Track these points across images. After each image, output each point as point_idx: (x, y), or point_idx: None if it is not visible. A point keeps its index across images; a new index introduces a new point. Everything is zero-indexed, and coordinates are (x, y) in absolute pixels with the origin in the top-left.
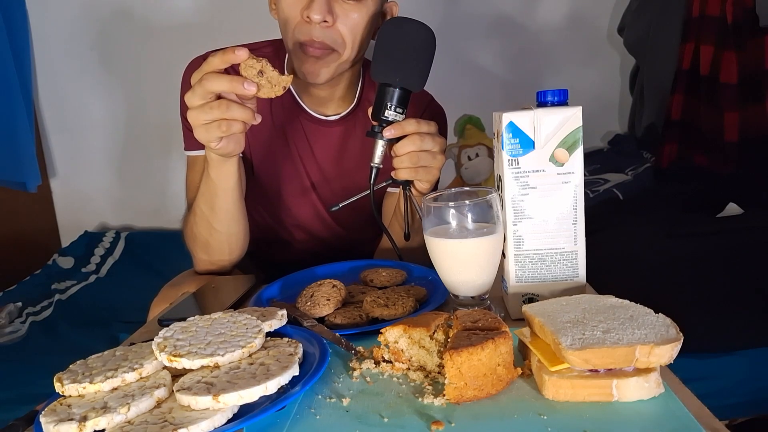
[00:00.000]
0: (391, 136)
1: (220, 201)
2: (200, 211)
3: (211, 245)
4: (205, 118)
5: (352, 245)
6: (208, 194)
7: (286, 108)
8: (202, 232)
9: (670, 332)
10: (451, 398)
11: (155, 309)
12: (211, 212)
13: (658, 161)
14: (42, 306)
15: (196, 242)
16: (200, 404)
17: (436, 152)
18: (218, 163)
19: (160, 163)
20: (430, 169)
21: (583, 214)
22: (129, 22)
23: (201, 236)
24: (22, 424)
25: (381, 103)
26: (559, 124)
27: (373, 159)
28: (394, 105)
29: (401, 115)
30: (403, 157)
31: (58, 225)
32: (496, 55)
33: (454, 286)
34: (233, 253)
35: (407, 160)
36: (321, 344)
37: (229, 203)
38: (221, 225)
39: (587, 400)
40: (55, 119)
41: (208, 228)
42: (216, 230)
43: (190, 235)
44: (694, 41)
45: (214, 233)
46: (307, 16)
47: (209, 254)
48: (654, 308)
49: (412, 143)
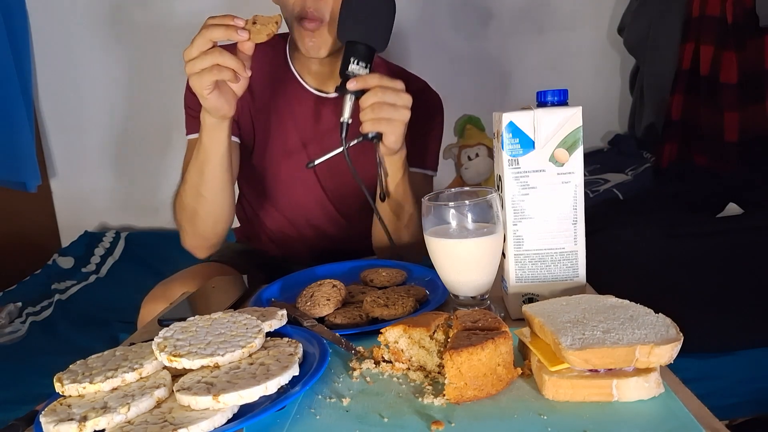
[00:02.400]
0: (354, 89)
1: (209, 167)
2: (190, 178)
3: (198, 214)
4: (201, 65)
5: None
6: (200, 160)
7: (289, 88)
8: (190, 200)
9: (670, 332)
10: (451, 398)
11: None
12: (200, 178)
13: (658, 161)
14: (42, 306)
15: (184, 212)
16: (200, 404)
17: (399, 106)
18: (211, 128)
19: (160, 163)
20: (392, 121)
21: (583, 214)
22: (129, 23)
23: (189, 205)
24: (22, 424)
25: (347, 59)
26: (559, 124)
27: (342, 114)
28: (358, 60)
29: (365, 70)
30: (367, 109)
31: (58, 225)
32: (496, 54)
33: (454, 286)
34: (218, 225)
35: (370, 111)
36: (321, 344)
37: (218, 170)
38: (209, 192)
39: (587, 400)
40: (55, 119)
41: (196, 195)
42: (203, 197)
43: (179, 206)
44: (694, 41)
45: (201, 201)
46: None
47: (194, 225)
48: (654, 308)
49: (375, 95)
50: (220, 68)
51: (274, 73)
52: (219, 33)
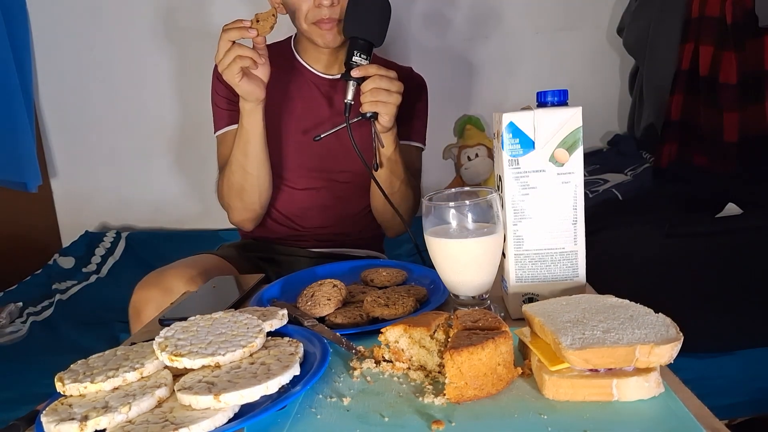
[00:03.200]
0: (358, 76)
1: (251, 146)
2: (236, 159)
3: (245, 189)
4: (227, 60)
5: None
6: (242, 142)
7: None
8: (237, 178)
9: (670, 332)
10: (451, 398)
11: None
12: (245, 157)
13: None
14: (43, 306)
15: (232, 190)
16: (201, 404)
17: (393, 91)
18: (249, 113)
19: (160, 163)
20: (387, 104)
21: (583, 214)
22: (129, 23)
23: (236, 183)
24: (23, 423)
25: (350, 52)
26: (559, 125)
27: (346, 96)
28: (360, 52)
29: (366, 61)
30: (366, 93)
31: (59, 225)
32: (496, 54)
33: (454, 286)
34: (263, 196)
35: (369, 95)
36: (322, 344)
37: (258, 147)
38: (253, 167)
39: (587, 400)
40: (55, 119)
41: (243, 173)
42: (249, 173)
43: (227, 187)
44: (694, 41)
45: (247, 177)
46: (319, 3)
47: (243, 199)
48: (654, 308)
49: (373, 82)
50: (242, 57)
51: (283, 67)
52: (235, 33)
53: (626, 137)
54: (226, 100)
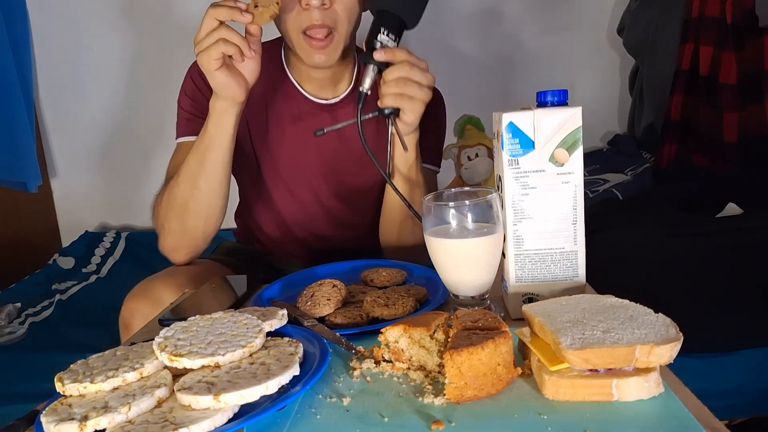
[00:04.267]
0: (382, 59)
1: (212, 155)
2: (188, 168)
3: (189, 209)
4: (208, 42)
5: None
6: (202, 148)
7: (288, 96)
8: (183, 192)
9: (670, 332)
10: (451, 398)
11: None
12: (200, 167)
13: (658, 161)
14: (42, 306)
15: (172, 207)
16: (201, 404)
17: (423, 84)
18: (219, 113)
19: (160, 162)
20: (414, 99)
21: (583, 214)
22: (129, 23)
23: (180, 198)
24: (22, 423)
25: (376, 28)
26: (558, 125)
27: (362, 84)
28: (387, 31)
29: (394, 43)
30: (390, 82)
31: (59, 225)
32: (496, 55)
33: (454, 286)
34: (209, 223)
35: (394, 85)
36: (321, 344)
37: (219, 159)
38: (206, 183)
39: (587, 400)
40: (55, 119)
41: (191, 187)
42: (199, 189)
43: (166, 201)
44: (694, 42)
45: (195, 193)
46: (306, 3)
47: (183, 221)
48: (654, 308)
49: (402, 69)
50: (227, 42)
51: (269, 78)
52: (223, 13)
53: (626, 137)
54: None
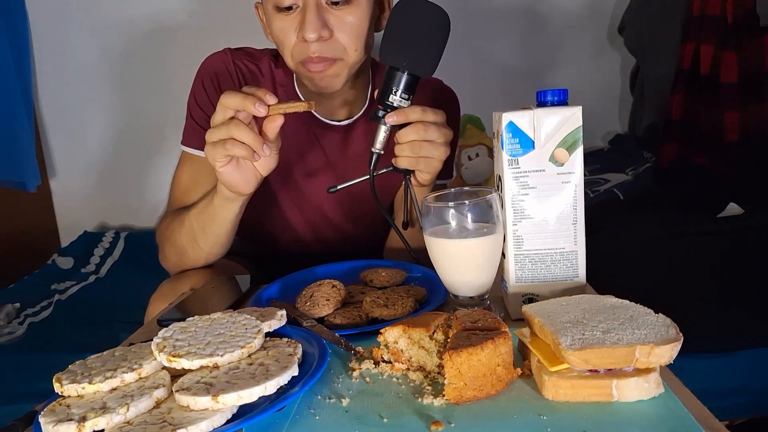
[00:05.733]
0: (395, 123)
1: (214, 227)
2: (190, 225)
3: (188, 255)
4: (215, 137)
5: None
6: (205, 217)
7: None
8: (184, 243)
9: (670, 332)
10: (450, 398)
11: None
12: (202, 233)
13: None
14: (41, 306)
15: (173, 247)
16: (199, 404)
17: (440, 143)
18: (224, 200)
19: (159, 162)
20: (430, 160)
21: (583, 214)
22: (129, 23)
23: (180, 245)
24: (21, 424)
25: (387, 87)
26: (559, 124)
27: (374, 144)
28: (400, 90)
29: (407, 101)
30: (404, 145)
31: (58, 225)
32: (495, 54)
33: (453, 286)
34: (208, 260)
35: (408, 148)
36: (320, 344)
37: (222, 232)
38: (206, 245)
39: (587, 401)
40: (55, 119)
41: (192, 243)
42: (199, 247)
43: (169, 238)
44: (695, 41)
45: (196, 248)
46: (303, 38)
47: (181, 260)
48: (654, 308)
49: (416, 132)
50: (234, 143)
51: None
52: (235, 102)
53: (627, 137)
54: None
